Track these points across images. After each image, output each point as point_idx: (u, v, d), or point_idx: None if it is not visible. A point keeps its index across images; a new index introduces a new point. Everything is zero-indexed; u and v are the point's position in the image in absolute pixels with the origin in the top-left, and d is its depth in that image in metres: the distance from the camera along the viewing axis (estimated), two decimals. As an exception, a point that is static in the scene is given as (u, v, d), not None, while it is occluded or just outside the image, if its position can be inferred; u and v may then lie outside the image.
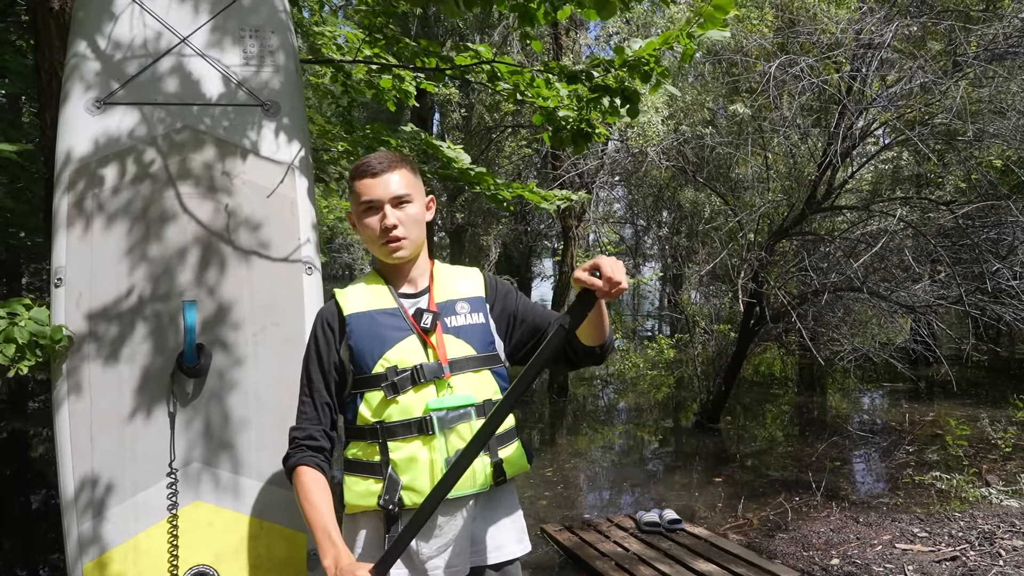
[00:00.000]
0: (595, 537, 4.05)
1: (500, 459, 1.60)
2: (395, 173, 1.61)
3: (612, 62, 3.35)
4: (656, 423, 7.82)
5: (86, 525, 2.00)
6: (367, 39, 3.69)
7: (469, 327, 1.64)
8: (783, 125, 5.29)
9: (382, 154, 1.64)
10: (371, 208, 1.62)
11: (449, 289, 1.69)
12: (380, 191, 1.60)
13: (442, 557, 1.55)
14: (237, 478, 2.10)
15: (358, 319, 1.62)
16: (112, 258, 2.13)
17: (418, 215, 1.65)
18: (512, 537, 1.65)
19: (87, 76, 2.22)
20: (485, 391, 1.61)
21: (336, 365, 1.63)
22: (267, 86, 2.33)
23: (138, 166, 2.20)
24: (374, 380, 1.57)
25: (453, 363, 1.59)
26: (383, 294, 1.66)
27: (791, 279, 6.28)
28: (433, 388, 1.56)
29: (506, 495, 1.67)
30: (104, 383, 2.06)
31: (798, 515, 4.49)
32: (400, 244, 1.62)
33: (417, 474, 1.52)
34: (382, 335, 1.59)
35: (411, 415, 1.54)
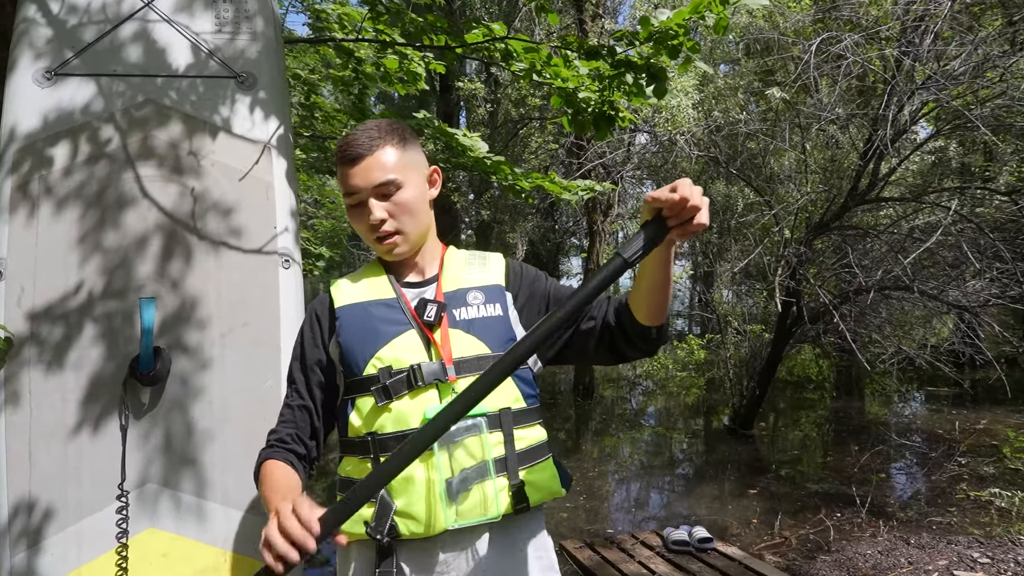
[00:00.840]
0: (618, 556, 3.73)
1: (521, 481, 1.28)
2: (377, 155, 1.32)
3: (636, 35, 3.03)
4: (686, 428, 7.46)
5: (19, 556, 1.74)
6: (370, 15, 3.41)
7: (482, 320, 1.35)
8: (823, 110, 4.90)
9: (363, 130, 1.35)
10: (356, 203, 1.35)
11: (460, 276, 1.41)
12: (359, 180, 1.32)
13: None
14: (200, 501, 1.83)
15: (349, 311, 1.35)
16: (60, 248, 1.88)
17: (412, 201, 1.35)
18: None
19: (37, 44, 1.97)
20: (501, 399, 1.30)
21: (322, 364, 1.37)
22: (242, 56, 2.07)
23: (93, 144, 1.95)
24: (365, 383, 1.29)
25: (460, 363, 1.29)
26: (381, 283, 1.39)
27: (831, 277, 5.88)
28: (434, 393, 1.28)
29: (529, 528, 1.35)
30: (46, 391, 1.81)
31: (841, 534, 4.12)
32: (393, 241, 1.35)
33: (413, 498, 1.23)
34: (375, 329, 1.32)
35: (406, 426, 1.26)
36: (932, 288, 5.27)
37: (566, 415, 8.12)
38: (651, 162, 6.91)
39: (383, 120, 1.40)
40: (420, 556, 1.26)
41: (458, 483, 1.23)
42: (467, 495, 1.24)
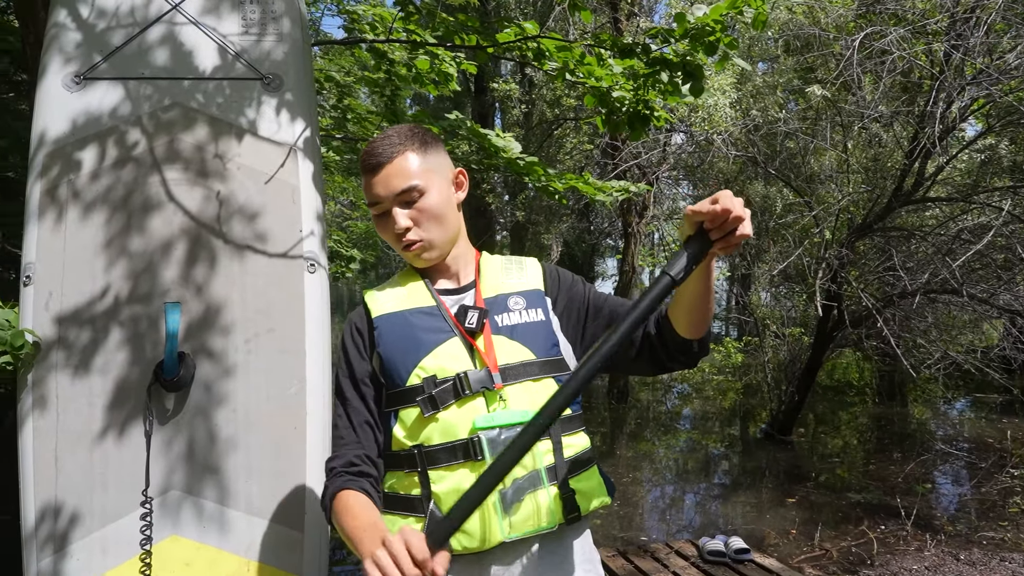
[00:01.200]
0: (652, 566, 3.64)
1: (572, 490, 1.26)
2: (397, 162, 1.29)
3: (672, 32, 2.94)
4: (722, 433, 7.31)
5: (46, 561, 1.74)
6: (401, 15, 3.38)
7: (525, 326, 1.32)
8: (866, 107, 4.72)
9: (383, 137, 1.32)
10: (381, 212, 1.32)
11: (500, 282, 1.37)
12: (381, 189, 1.29)
13: None
14: (223, 509, 1.81)
15: (388, 321, 1.31)
16: (87, 253, 1.87)
17: (436, 206, 1.31)
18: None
19: (67, 48, 1.97)
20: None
21: (372, 377, 1.32)
22: (269, 57, 2.04)
23: (120, 148, 1.94)
24: (409, 394, 1.25)
25: (506, 370, 1.26)
26: (419, 290, 1.35)
27: (874, 280, 5.69)
28: (482, 402, 1.24)
29: (578, 538, 1.32)
30: (72, 396, 1.80)
31: (885, 547, 3.97)
32: (418, 248, 1.31)
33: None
34: (417, 338, 1.28)
35: (455, 436, 1.22)
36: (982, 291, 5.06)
37: (600, 419, 8.03)
38: (687, 162, 6.76)
39: (403, 126, 1.36)
40: (472, 570, 1.23)
41: (512, 494, 1.20)
42: (520, 506, 1.21)
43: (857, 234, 5.33)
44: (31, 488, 1.76)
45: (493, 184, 19.09)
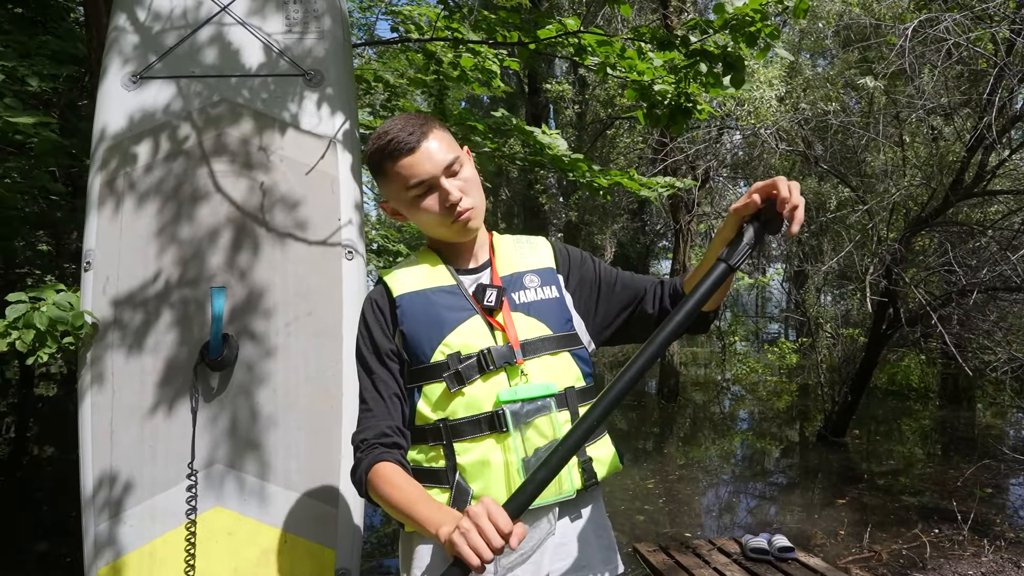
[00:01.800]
0: (693, 561, 3.61)
1: (589, 457, 1.32)
2: (432, 139, 1.30)
3: (711, 23, 2.93)
4: (774, 434, 7.16)
5: (103, 526, 1.86)
6: (444, 14, 3.45)
7: (541, 303, 1.36)
8: (923, 99, 4.57)
9: (404, 122, 1.33)
10: (426, 188, 1.32)
11: (514, 261, 1.41)
12: (429, 166, 1.30)
13: (518, 573, 1.28)
14: (262, 483, 1.91)
15: (411, 300, 1.34)
16: (141, 240, 2.00)
17: (474, 175, 1.36)
18: (598, 555, 1.35)
19: (125, 50, 2.11)
20: (566, 378, 1.32)
21: (396, 353, 1.34)
22: (310, 54, 2.13)
23: (172, 142, 2.06)
24: (434, 370, 1.29)
25: (526, 345, 1.30)
26: (438, 270, 1.38)
27: (932, 277, 5.49)
28: (504, 376, 1.28)
29: (593, 504, 1.37)
30: (126, 374, 1.93)
31: (939, 552, 3.84)
32: (470, 214, 1.33)
33: (491, 480, 1.24)
34: (440, 317, 1.32)
35: (480, 410, 1.27)
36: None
37: (651, 417, 7.97)
38: (739, 159, 6.65)
39: (410, 112, 1.42)
40: None
41: (534, 462, 1.24)
42: None
43: (913, 229, 5.16)
44: (89, 458, 1.89)
45: (547, 184, 19.14)
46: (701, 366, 11.35)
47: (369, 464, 1.26)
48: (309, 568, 1.88)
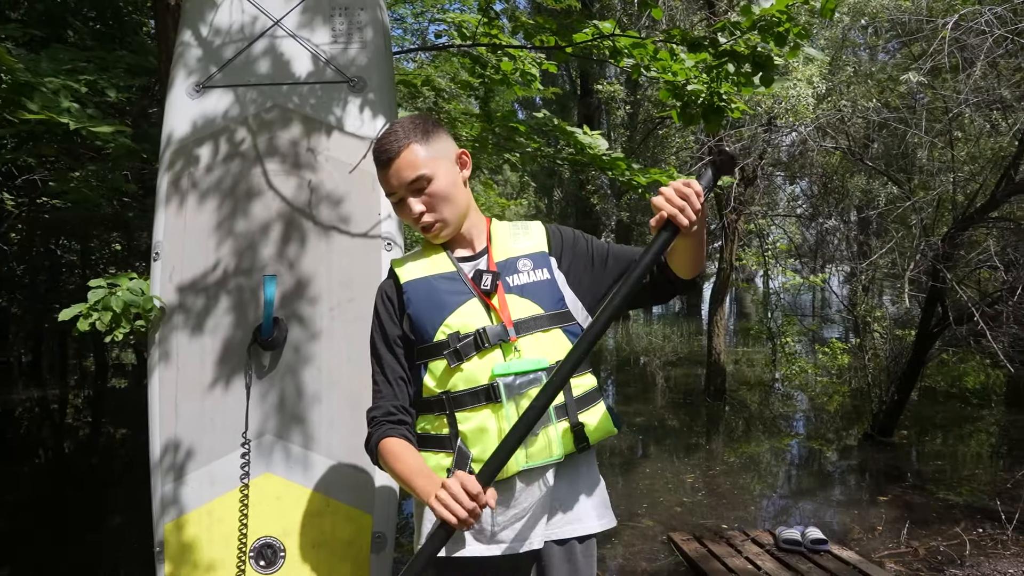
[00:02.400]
0: (725, 551, 3.69)
1: (580, 423, 1.46)
2: (404, 155, 1.46)
3: (738, 25, 3.02)
4: (819, 433, 7.10)
5: (168, 487, 2.08)
6: (485, 21, 3.62)
7: (533, 284, 1.51)
8: (968, 93, 4.49)
9: (389, 133, 1.50)
10: (398, 199, 1.51)
11: (508, 247, 1.56)
12: (394, 182, 1.48)
13: (514, 528, 1.43)
14: (307, 453, 2.10)
15: (415, 286, 1.52)
16: (202, 233, 2.21)
17: (444, 188, 1.49)
18: (592, 512, 1.50)
19: (190, 62, 2.33)
20: (557, 352, 1.46)
21: (403, 338, 1.53)
22: (354, 62, 2.32)
23: (230, 145, 2.27)
24: (436, 348, 1.46)
25: (519, 324, 1.46)
26: (440, 259, 1.55)
27: (983, 274, 5.37)
28: (499, 353, 1.44)
29: (585, 465, 1.52)
30: (189, 352, 2.15)
31: (979, 550, 3.81)
32: (435, 228, 1.51)
33: (487, 445, 1.40)
34: (441, 300, 1.49)
35: (477, 383, 1.43)
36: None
37: (696, 414, 7.98)
38: (784, 156, 6.61)
39: (405, 119, 1.53)
40: (501, 493, 1.40)
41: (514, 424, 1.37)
42: (535, 439, 1.40)
43: (962, 225, 5.08)
44: (157, 426, 2.12)
45: (598, 185, 19.18)
46: (751, 366, 11.25)
47: (378, 439, 1.47)
48: (348, 531, 2.06)
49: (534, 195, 23.51)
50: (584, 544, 1.49)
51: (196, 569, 2.05)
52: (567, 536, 1.46)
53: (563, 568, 1.45)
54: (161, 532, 2.08)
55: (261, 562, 2.05)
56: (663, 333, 17.22)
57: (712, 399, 8.33)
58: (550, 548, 1.45)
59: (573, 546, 1.47)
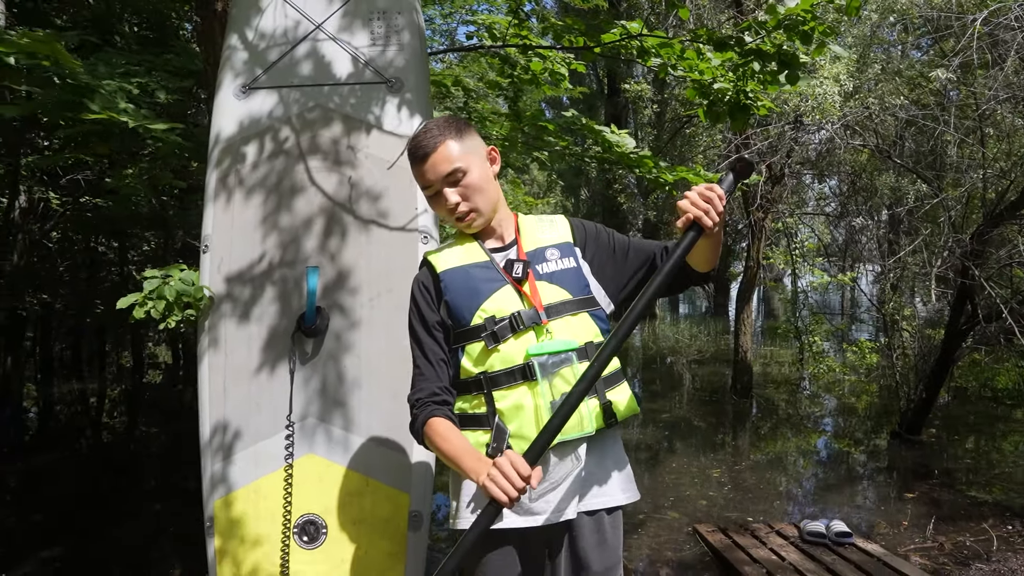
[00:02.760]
0: (750, 542, 3.74)
1: (609, 401, 1.56)
2: (440, 150, 1.57)
3: (764, 24, 3.07)
4: (847, 431, 7.09)
5: (217, 466, 2.20)
6: (515, 22, 3.71)
7: (561, 272, 1.61)
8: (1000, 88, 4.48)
9: (426, 129, 1.60)
10: (434, 192, 1.61)
11: (536, 238, 1.67)
12: (431, 175, 1.58)
13: (549, 500, 1.52)
14: (348, 435, 2.21)
15: (451, 275, 1.62)
16: (248, 227, 2.33)
17: (478, 181, 1.59)
18: (618, 485, 1.60)
19: (236, 65, 2.45)
20: (585, 334, 1.57)
21: (441, 323, 1.62)
22: (392, 64, 2.42)
23: (274, 143, 2.39)
24: (473, 332, 1.56)
25: (549, 308, 1.56)
26: (473, 249, 1.65)
27: (1013, 271, 5.33)
28: (532, 335, 1.54)
29: (613, 442, 1.63)
30: (236, 339, 2.27)
31: (1006, 545, 3.82)
32: (470, 218, 1.61)
33: (524, 421, 1.50)
34: (477, 287, 1.59)
35: (513, 363, 1.52)
36: None
37: (722, 411, 8.00)
38: (812, 155, 6.60)
39: (439, 118, 1.64)
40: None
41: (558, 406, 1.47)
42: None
43: (991, 223, 5.05)
44: (207, 409, 2.24)
45: (625, 184, 19.17)
46: (778, 365, 11.20)
47: (424, 419, 1.55)
48: (387, 509, 2.16)
49: (561, 194, 23.57)
50: (611, 516, 1.58)
51: (243, 543, 2.17)
52: (597, 508, 1.56)
53: (593, 538, 1.55)
54: (211, 508, 2.20)
55: (304, 538, 2.16)
56: (690, 332, 17.17)
57: (738, 397, 8.34)
58: (581, 519, 1.55)
59: (602, 517, 1.56)
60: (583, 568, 1.55)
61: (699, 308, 27.46)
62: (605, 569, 1.56)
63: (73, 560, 3.91)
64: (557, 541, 1.56)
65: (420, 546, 2.17)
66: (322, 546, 2.16)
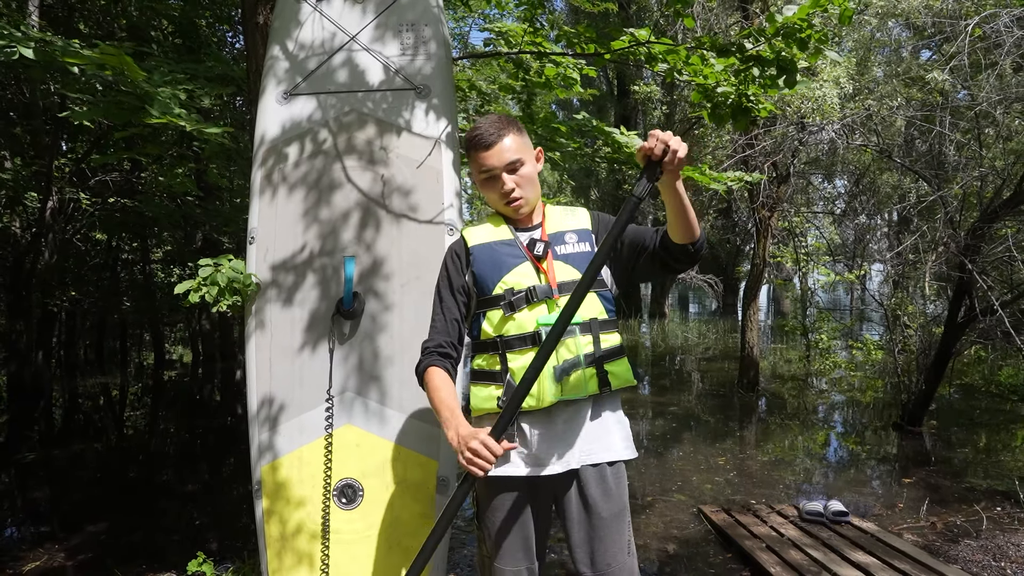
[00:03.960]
0: (751, 520, 3.96)
1: (605, 370, 1.78)
2: (504, 141, 1.81)
3: (763, 31, 3.29)
4: (849, 422, 7.28)
5: (264, 435, 2.44)
6: (530, 30, 3.94)
7: (576, 254, 1.84)
8: (992, 91, 4.66)
9: (490, 122, 1.84)
10: (491, 177, 1.84)
11: (559, 223, 1.90)
12: (494, 161, 1.81)
13: (554, 453, 1.76)
14: (382, 408, 2.44)
15: (480, 249, 1.87)
16: (291, 220, 2.57)
17: (530, 173, 1.85)
18: (620, 443, 1.83)
19: (279, 73, 2.69)
20: (590, 311, 1.80)
21: (464, 288, 1.88)
22: (420, 72, 2.65)
23: (314, 144, 2.63)
24: (494, 300, 1.81)
25: (562, 285, 1.79)
26: (502, 229, 1.89)
27: (1015, 267, 5.50)
28: (544, 307, 1.78)
29: (612, 405, 1.86)
30: (281, 321, 2.51)
31: (996, 525, 4.01)
32: (518, 203, 1.85)
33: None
34: (500, 262, 1.83)
35: (525, 330, 1.77)
36: None
37: (729, 404, 8.19)
38: (814, 154, 6.79)
39: (499, 115, 1.88)
40: (536, 420, 1.78)
41: (560, 370, 1.74)
42: (568, 379, 1.75)
43: (987, 219, 5.23)
44: (254, 385, 2.48)
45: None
46: (786, 362, 11.38)
47: (425, 366, 1.84)
48: (417, 475, 2.40)
49: (572, 194, 23.78)
50: (614, 468, 1.82)
51: (288, 504, 2.41)
52: (599, 460, 1.79)
53: (598, 487, 1.79)
54: (259, 473, 2.44)
55: (343, 499, 2.40)
56: (699, 331, 17.33)
57: (745, 391, 8.53)
58: (585, 469, 1.79)
59: (604, 468, 1.80)
60: (592, 514, 1.78)
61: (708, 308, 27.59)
62: (612, 515, 1.79)
63: (117, 534, 4.17)
64: (563, 489, 1.80)
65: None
66: (359, 507, 2.39)
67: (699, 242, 1.74)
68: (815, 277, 10.59)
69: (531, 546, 1.81)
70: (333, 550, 2.37)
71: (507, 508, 1.80)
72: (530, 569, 1.81)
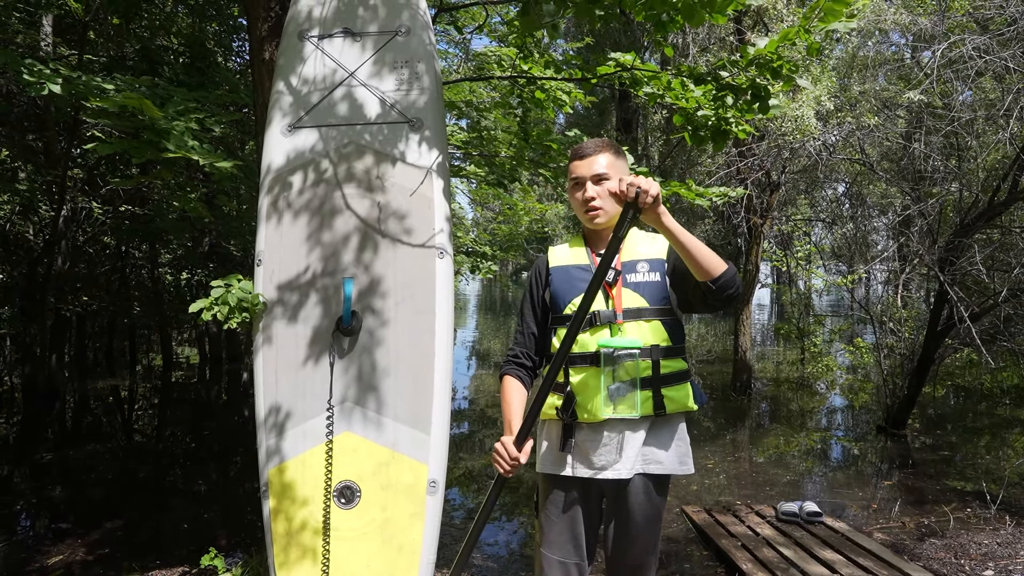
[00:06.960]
0: (730, 520, 4.17)
1: (662, 395, 1.92)
2: (599, 156, 2.01)
3: (737, 62, 3.51)
4: (836, 425, 7.49)
5: (271, 441, 2.67)
6: (521, 56, 4.17)
7: (646, 283, 1.97)
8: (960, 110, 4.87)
9: (593, 141, 2.05)
10: (577, 183, 2.04)
11: (634, 251, 2.04)
12: (584, 170, 2.01)
13: (608, 460, 1.95)
14: (379, 417, 2.66)
15: (558, 271, 2.08)
16: (295, 244, 2.80)
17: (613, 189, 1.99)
18: (674, 459, 1.99)
19: (283, 107, 2.91)
20: (653, 337, 1.94)
21: (542, 304, 2.10)
22: (413, 105, 2.87)
23: (316, 174, 2.86)
24: (564, 319, 2.00)
25: (626, 312, 1.95)
26: (580, 253, 2.09)
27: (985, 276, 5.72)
28: (607, 331, 1.95)
29: (671, 426, 1.99)
30: (286, 337, 2.73)
31: (962, 525, 4.22)
32: (597, 212, 2.01)
33: (587, 395, 1.93)
34: (573, 285, 2.02)
35: (586, 349, 1.95)
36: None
37: (721, 408, 8.41)
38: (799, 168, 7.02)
39: (605, 139, 2.07)
40: (589, 433, 1.97)
41: (614, 390, 1.91)
42: (622, 399, 1.92)
43: (962, 232, 5.43)
44: (261, 395, 2.71)
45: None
46: (784, 364, 11.58)
47: (503, 372, 2.10)
48: (409, 478, 2.62)
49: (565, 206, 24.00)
50: (660, 480, 1.98)
51: (293, 504, 2.64)
52: (649, 472, 1.96)
53: (641, 496, 1.96)
54: (266, 476, 2.68)
55: (342, 500, 2.63)
56: (698, 332, 17.53)
57: (737, 394, 8.75)
58: (635, 479, 1.96)
59: (653, 479, 1.97)
60: (629, 519, 1.97)
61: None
62: (646, 522, 1.97)
63: (131, 531, 4.41)
64: (613, 493, 1.98)
65: (436, 508, 2.63)
66: (356, 507, 2.62)
67: (720, 280, 1.74)
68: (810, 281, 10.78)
69: (581, 543, 1.99)
70: (333, 546, 2.61)
71: (560, 504, 2.00)
72: (579, 565, 1.99)
